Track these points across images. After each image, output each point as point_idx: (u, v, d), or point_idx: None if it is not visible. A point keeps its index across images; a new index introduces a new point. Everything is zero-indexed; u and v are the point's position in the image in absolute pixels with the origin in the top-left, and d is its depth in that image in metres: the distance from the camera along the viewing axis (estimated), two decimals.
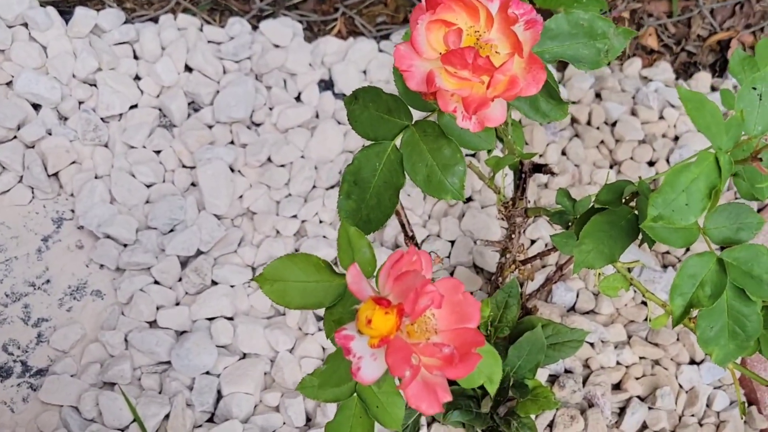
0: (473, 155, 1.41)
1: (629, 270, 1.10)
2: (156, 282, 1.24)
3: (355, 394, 0.76)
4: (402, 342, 0.57)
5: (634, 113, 1.51)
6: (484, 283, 1.31)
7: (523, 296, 1.25)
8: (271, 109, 1.41)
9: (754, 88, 0.68)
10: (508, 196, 1.14)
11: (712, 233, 0.71)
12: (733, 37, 1.64)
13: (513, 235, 1.15)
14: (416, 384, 0.59)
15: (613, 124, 1.50)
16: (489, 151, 1.15)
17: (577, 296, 1.31)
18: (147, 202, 1.31)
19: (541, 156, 1.45)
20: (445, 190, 0.75)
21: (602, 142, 1.49)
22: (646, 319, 1.33)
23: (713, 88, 1.56)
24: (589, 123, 1.50)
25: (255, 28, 1.47)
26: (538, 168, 1.13)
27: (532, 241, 1.37)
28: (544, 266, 1.35)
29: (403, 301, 0.57)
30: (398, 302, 0.57)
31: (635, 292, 1.33)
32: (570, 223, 1.03)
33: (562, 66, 1.55)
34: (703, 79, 1.56)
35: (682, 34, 1.62)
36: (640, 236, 0.84)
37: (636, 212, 0.83)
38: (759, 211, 1.47)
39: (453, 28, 0.66)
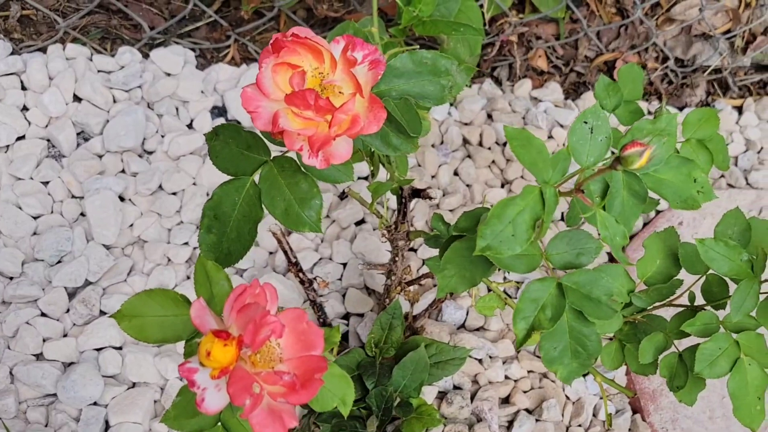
0: (365, 178, 1.44)
1: (508, 290, 1.14)
2: (43, 314, 1.23)
3: (219, 424, 0.78)
4: (243, 372, 0.59)
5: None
6: (376, 303, 1.34)
7: (409, 317, 1.29)
8: (162, 137, 1.42)
9: (585, 122, 0.72)
10: (391, 220, 1.17)
11: (553, 258, 0.75)
12: (618, 57, 1.71)
13: (397, 258, 1.18)
14: (261, 412, 0.61)
15: (504, 144, 1.55)
16: (373, 176, 1.19)
17: (467, 314, 1.35)
18: (34, 233, 1.30)
19: (433, 177, 1.49)
20: (303, 223, 0.77)
21: (493, 161, 1.53)
22: None
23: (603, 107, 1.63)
24: (480, 144, 1.55)
25: (146, 56, 1.48)
26: (417, 193, 1.16)
27: (424, 261, 1.40)
28: (435, 285, 1.38)
29: (244, 332, 0.59)
30: (239, 334, 0.59)
31: None
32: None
33: None
34: (591, 99, 1.62)
35: (570, 56, 1.68)
36: None
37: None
38: (644, 226, 1.53)
39: (297, 71, 0.69)
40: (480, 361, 1.31)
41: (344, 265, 1.37)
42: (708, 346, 0.87)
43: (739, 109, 1.75)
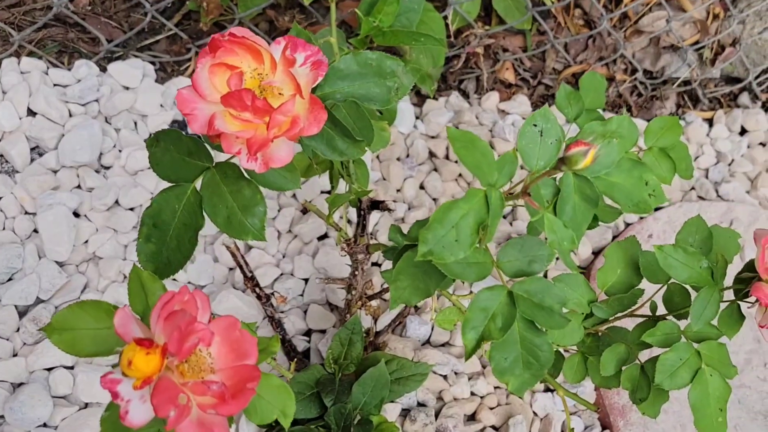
0: (328, 192, 1.41)
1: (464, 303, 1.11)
2: None
3: None
4: (168, 382, 0.56)
5: (491, 146, 1.54)
6: (338, 320, 1.30)
7: (371, 332, 1.25)
8: (120, 151, 1.39)
9: (535, 125, 0.70)
10: (351, 234, 1.15)
11: (505, 266, 0.73)
12: (586, 69, 1.69)
13: (357, 272, 1.15)
14: (189, 424, 0.58)
15: None
16: (332, 188, 1.16)
17: (432, 329, 1.32)
18: None
19: (398, 191, 1.46)
20: (246, 231, 0.74)
21: (460, 175, 1.51)
22: None
23: None
24: (447, 157, 1.52)
25: (104, 70, 1.45)
26: (376, 205, 1.14)
27: (381, 274, 1.37)
28: None
29: (168, 341, 0.56)
30: (164, 342, 0.56)
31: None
32: None
33: (420, 101, 1.57)
34: (558, 111, 1.61)
35: (538, 68, 1.67)
36: None
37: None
38: (613, 238, 1.51)
39: (235, 71, 0.66)
40: (445, 377, 1.28)
41: (306, 280, 1.34)
42: (669, 356, 0.85)
43: (710, 122, 1.74)
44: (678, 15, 1.62)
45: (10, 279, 1.24)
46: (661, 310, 0.94)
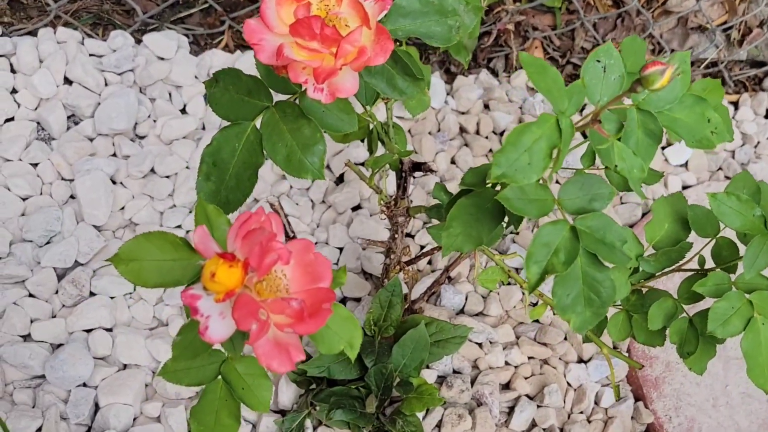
0: (362, 164, 1.42)
1: (515, 270, 1.11)
2: (31, 295, 1.19)
3: (219, 377, 0.74)
4: (249, 297, 0.56)
5: (521, 122, 1.55)
6: (373, 288, 1.31)
7: (408, 298, 1.26)
8: (155, 121, 1.39)
9: (598, 61, 0.70)
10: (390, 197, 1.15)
11: (566, 204, 0.73)
12: None
13: (396, 235, 1.15)
14: (266, 342, 0.58)
15: (501, 133, 1.53)
16: (371, 152, 1.16)
17: (466, 299, 1.32)
18: (22, 215, 1.27)
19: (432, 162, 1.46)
20: (305, 169, 0.75)
21: (491, 150, 1.51)
22: (535, 321, 1.34)
23: None
24: (477, 132, 1.53)
25: (138, 42, 1.46)
26: (418, 166, 1.14)
27: (422, 247, 1.37)
28: (433, 271, 1.36)
29: (250, 256, 0.56)
30: (245, 258, 0.57)
31: (523, 294, 1.34)
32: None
33: (450, 78, 1.58)
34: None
35: (567, 47, 1.67)
36: (507, 219, 0.85)
37: None
38: (643, 216, 1.51)
39: (302, 3, 0.67)
40: (480, 345, 1.28)
41: (341, 249, 1.34)
42: (721, 305, 0.85)
43: (735, 105, 1.74)
44: None
45: (48, 242, 1.24)
46: (709, 264, 0.94)
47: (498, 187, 0.87)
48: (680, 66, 0.70)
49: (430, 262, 1.37)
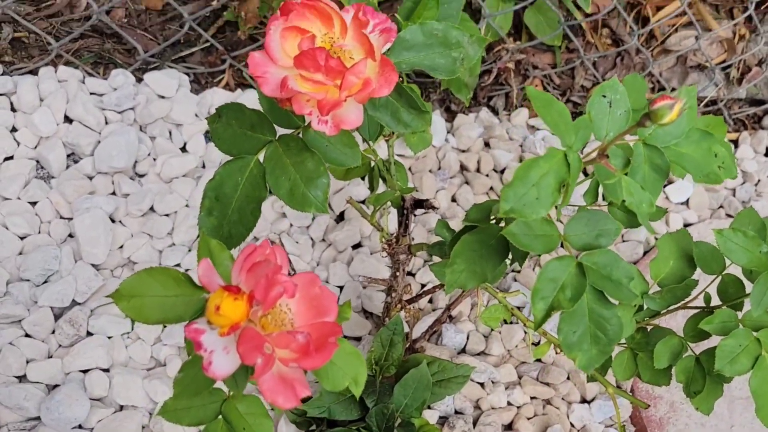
0: (362, 202, 1.41)
1: (519, 307, 1.10)
2: (27, 335, 1.18)
3: (220, 417, 0.73)
4: (254, 331, 0.55)
5: (521, 160, 1.55)
6: (374, 327, 1.29)
7: (410, 337, 1.24)
8: (155, 159, 1.39)
9: (604, 96, 0.70)
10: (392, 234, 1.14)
11: (572, 240, 0.72)
12: None
13: (397, 273, 1.14)
14: (271, 377, 0.57)
15: (502, 171, 1.53)
16: (372, 190, 1.16)
17: (468, 338, 1.31)
18: (20, 253, 1.25)
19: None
20: (309, 203, 0.74)
21: (491, 188, 1.51)
22: (538, 360, 1.33)
23: None
24: (478, 170, 1.53)
25: (139, 80, 1.46)
26: (420, 203, 1.13)
27: (423, 286, 1.36)
28: (434, 309, 1.34)
29: (255, 288, 0.55)
30: (250, 290, 0.56)
31: (525, 333, 1.33)
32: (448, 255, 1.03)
33: (450, 116, 1.58)
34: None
35: (567, 85, 1.67)
36: (510, 255, 0.84)
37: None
38: (644, 254, 1.50)
39: (307, 35, 0.67)
40: (482, 385, 1.26)
41: (341, 288, 1.33)
42: (728, 343, 0.84)
43: (735, 143, 1.74)
44: (704, 35, 1.63)
45: (45, 281, 1.23)
46: (715, 301, 0.93)
47: (502, 223, 0.86)
48: (687, 101, 0.69)
49: (431, 301, 1.36)
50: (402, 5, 1.06)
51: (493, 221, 0.85)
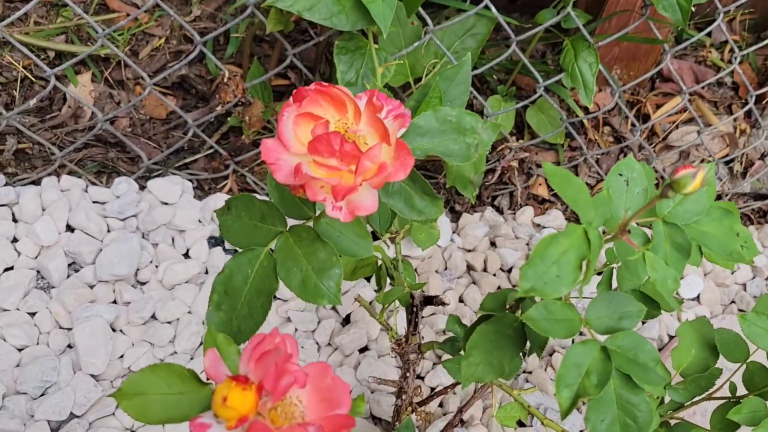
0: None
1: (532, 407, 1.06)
2: None
3: None
4: (263, 425, 0.52)
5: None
6: None
7: None
8: (157, 266, 1.37)
9: (621, 174, 0.69)
10: (401, 334, 1.11)
11: (594, 323, 0.69)
12: None
13: (408, 374, 1.11)
14: None
15: (509, 270, 1.51)
16: (379, 289, 1.13)
17: None
18: (17, 365, 1.22)
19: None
20: (321, 294, 0.72)
21: (499, 287, 1.49)
22: None
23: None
24: (485, 269, 1.51)
25: (142, 188, 1.45)
26: (429, 300, 1.11)
27: (432, 389, 1.32)
28: (445, 414, 1.30)
29: (264, 378, 0.52)
30: (259, 381, 0.53)
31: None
32: (461, 350, 1.00)
33: (455, 217, 1.57)
34: None
35: None
36: (528, 346, 0.82)
37: (522, 320, 0.82)
38: (660, 350, 1.47)
39: (321, 121, 0.66)
40: None
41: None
42: None
43: None
44: (705, 129, 1.65)
45: (43, 394, 1.19)
46: (741, 391, 0.90)
47: (518, 313, 0.84)
48: (708, 173, 0.68)
49: (441, 405, 1.31)
50: (406, 104, 1.07)
51: (509, 310, 0.82)
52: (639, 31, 1.51)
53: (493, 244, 1.55)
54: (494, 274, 1.49)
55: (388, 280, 1.12)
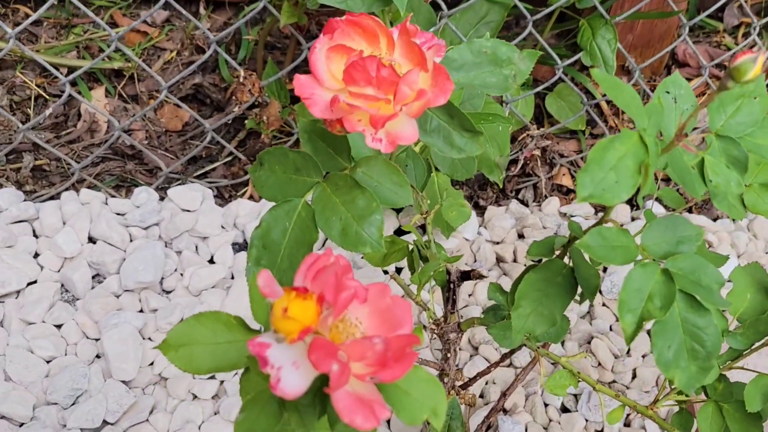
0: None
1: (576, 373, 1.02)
2: None
3: None
4: (324, 340, 0.49)
5: None
6: (425, 425, 1.20)
7: (467, 429, 1.15)
8: (182, 274, 1.34)
9: (668, 92, 0.66)
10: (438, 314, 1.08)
11: (651, 249, 0.66)
12: None
13: (449, 354, 1.07)
14: (347, 395, 0.50)
15: (539, 261, 1.48)
16: (413, 270, 1.10)
17: (526, 430, 1.21)
18: (46, 376, 1.19)
19: (470, 295, 1.40)
20: (363, 241, 0.69)
21: None
22: None
23: (633, 219, 1.57)
24: (515, 260, 1.48)
25: (162, 199, 1.44)
26: (467, 275, 1.08)
27: (470, 379, 1.28)
28: (486, 404, 1.26)
29: (324, 289, 0.49)
30: (318, 293, 0.50)
31: (587, 421, 1.24)
32: (505, 318, 0.97)
33: (480, 212, 1.54)
34: (622, 210, 1.57)
35: None
36: (579, 290, 0.79)
37: (571, 266, 0.79)
38: None
39: (355, 53, 0.64)
40: None
41: None
42: None
43: None
44: None
45: (74, 403, 1.16)
46: None
47: (567, 259, 0.81)
48: (756, 89, 0.66)
49: (482, 396, 1.27)
50: None
51: (557, 256, 0.80)
52: (653, 10, 1.50)
53: (520, 236, 1.52)
54: (524, 265, 1.45)
55: (421, 264, 1.09)
